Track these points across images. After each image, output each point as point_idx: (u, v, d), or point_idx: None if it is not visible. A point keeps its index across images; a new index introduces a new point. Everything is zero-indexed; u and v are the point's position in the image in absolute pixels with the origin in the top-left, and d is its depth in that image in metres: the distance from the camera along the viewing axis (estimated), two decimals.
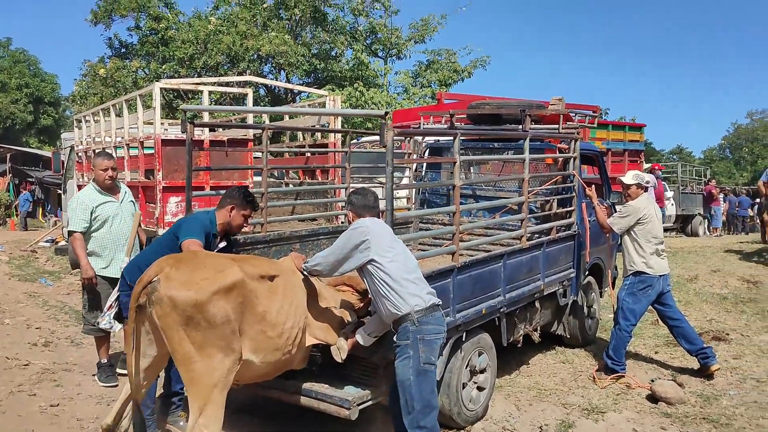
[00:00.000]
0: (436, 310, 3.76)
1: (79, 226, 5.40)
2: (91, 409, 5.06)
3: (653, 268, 5.96)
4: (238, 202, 4.39)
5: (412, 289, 3.69)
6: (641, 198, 6.08)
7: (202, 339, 3.31)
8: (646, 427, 4.97)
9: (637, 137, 15.47)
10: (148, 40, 21.60)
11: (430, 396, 3.66)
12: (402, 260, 3.76)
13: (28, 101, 36.78)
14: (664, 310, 6.17)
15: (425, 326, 3.65)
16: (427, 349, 3.63)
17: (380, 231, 3.81)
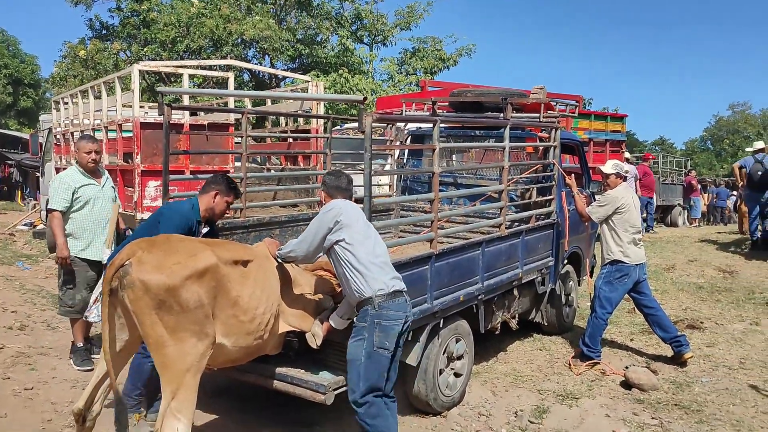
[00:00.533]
0: (399, 296, 3.76)
1: (60, 205, 5.41)
2: (66, 393, 5.03)
3: (630, 257, 6.02)
4: (222, 188, 4.43)
5: (376, 274, 3.70)
6: (620, 187, 6.13)
7: (174, 323, 3.30)
8: (618, 412, 5.04)
9: (619, 128, 15.55)
10: (129, 22, 21.27)
11: (378, 379, 3.67)
12: (371, 244, 3.78)
13: (7, 82, 36.12)
14: (640, 298, 6.24)
15: (384, 311, 3.67)
16: (383, 334, 3.65)
17: (353, 213, 3.83)
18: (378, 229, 4.36)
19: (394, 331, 3.67)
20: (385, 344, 3.65)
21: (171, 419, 3.24)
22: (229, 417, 4.67)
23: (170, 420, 3.24)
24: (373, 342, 3.64)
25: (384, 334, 3.65)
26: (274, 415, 4.71)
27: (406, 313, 3.77)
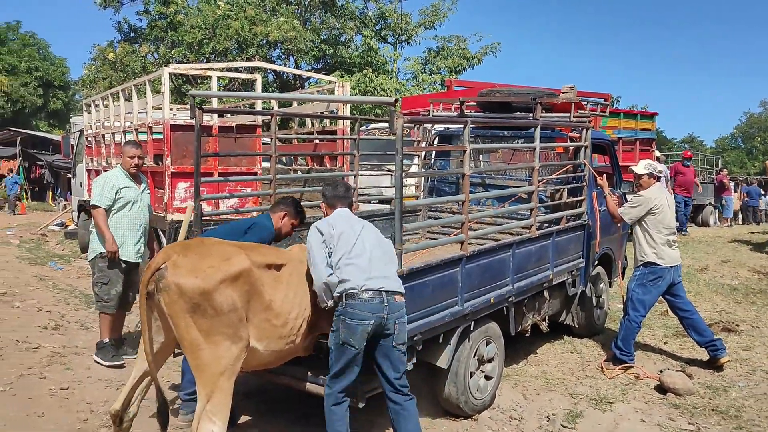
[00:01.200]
0: (372, 296, 3.72)
1: (104, 203, 5.67)
2: (101, 392, 5.09)
3: (664, 259, 5.91)
4: (291, 211, 4.64)
5: (348, 272, 3.74)
6: (653, 188, 6.02)
7: (209, 326, 3.32)
8: (654, 417, 4.96)
9: (649, 126, 15.31)
10: (157, 25, 21.55)
11: (344, 368, 3.75)
12: (346, 244, 3.82)
13: (37, 85, 36.83)
14: (675, 301, 6.13)
15: (349, 309, 3.70)
16: (347, 331, 3.70)
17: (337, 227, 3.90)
18: (406, 230, 4.35)
19: (357, 330, 3.68)
20: (350, 341, 3.69)
21: (206, 422, 3.26)
22: (260, 419, 4.68)
23: (206, 422, 3.26)
24: (340, 335, 3.72)
25: (348, 332, 3.69)
26: (305, 418, 4.71)
27: (379, 314, 3.71)
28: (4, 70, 35.26)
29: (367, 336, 3.69)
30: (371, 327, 3.69)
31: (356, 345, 3.69)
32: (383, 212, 7.07)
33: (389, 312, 3.73)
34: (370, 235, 3.96)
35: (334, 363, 3.77)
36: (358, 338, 3.68)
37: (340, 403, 3.81)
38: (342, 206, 4.13)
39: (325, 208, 4.20)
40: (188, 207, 5.76)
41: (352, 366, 3.75)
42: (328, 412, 3.80)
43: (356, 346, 3.69)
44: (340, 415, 3.80)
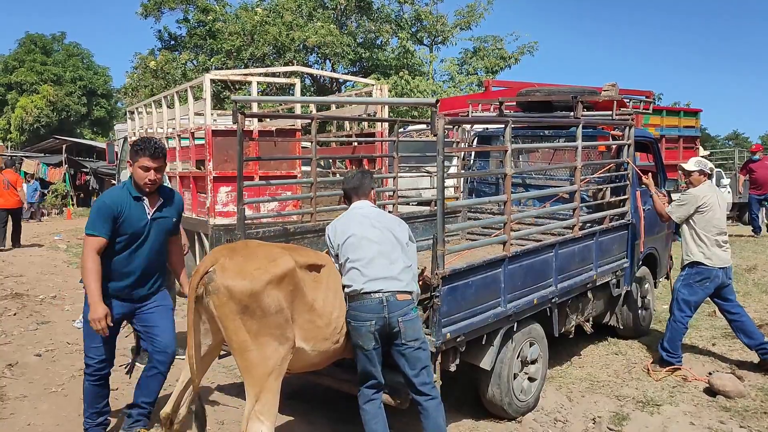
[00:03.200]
0: (371, 297, 3.74)
1: None
2: None
3: (711, 259, 5.75)
4: (132, 154, 3.98)
5: (350, 276, 3.80)
6: (703, 186, 5.87)
7: (257, 327, 3.36)
8: (703, 420, 4.85)
9: (693, 123, 14.97)
10: (196, 33, 21.95)
11: (364, 369, 3.83)
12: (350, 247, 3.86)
13: (81, 93, 37.81)
14: (724, 304, 5.96)
15: (352, 311, 3.78)
16: (354, 333, 3.77)
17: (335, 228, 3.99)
18: (448, 232, 4.34)
19: (362, 332, 3.73)
20: (358, 342, 3.76)
21: (255, 422, 3.31)
22: (303, 419, 4.72)
23: (254, 422, 3.31)
24: (352, 339, 3.80)
25: (355, 333, 3.77)
26: (347, 418, 4.73)
27: (380, 314, 3.71)
28: (50, 80, 36.33)
29: (373, 336, 3.73)
30: (374, 327, 3.72)
31: (365, 345, 3.75)
32: (423, 214, 7.07)
33: (390, 311, 3.73)
34: (377, 232, 3.91)
35: (357, 364, 3.88)
36: (364, 339, 3.74)
37: (371, 400, 3.86)
38: (358, 198, 4.13)
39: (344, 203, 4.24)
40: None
41: (369, 366, 3.81)
42: (362, 412, 3.87)
43: (365, 347, 3.75)
44: (373, 412, 3.85)
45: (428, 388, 3.82)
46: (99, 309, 3.80)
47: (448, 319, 4.10)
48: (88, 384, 4.12)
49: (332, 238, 3.97)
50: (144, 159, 3.90)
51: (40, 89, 35.41)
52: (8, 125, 36.25)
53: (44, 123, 35.04)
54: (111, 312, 3.89)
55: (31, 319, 7.56)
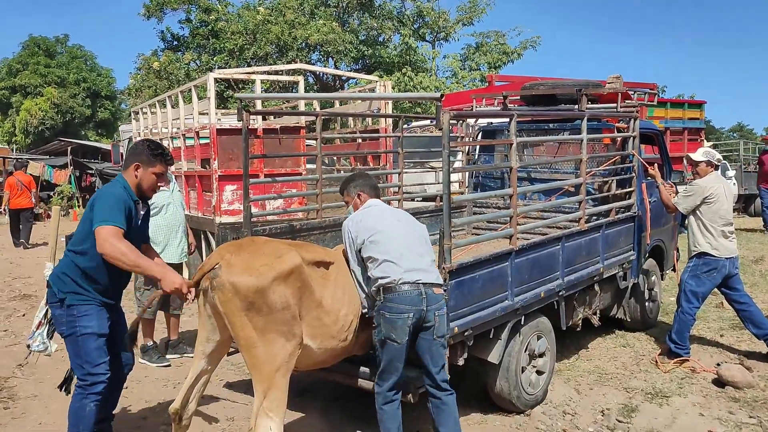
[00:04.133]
0: (410, 288, 3.67)
1: None
2: (159, 391, 5.23)
3: (718, 249, 5.74)
4: (144, 159, 3.75)
5: (384, 268, 3.71)
6: (709, 176, 5.85)
7: (263, 324, 3.37)
8: (713, 411, 4.84)
9: (697, 115, 14.91)
10: (198, 33, 21.97)
11: (389, 364, 3.72)
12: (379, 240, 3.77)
13: (85, 95, 37.92)
14: (731, 293, 5.95)
15: (388, 303, 3.67)
16: (387, 326, 3.66)
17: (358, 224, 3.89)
18: (454, 226, 4.34)
19: (398, 324, 3.64)
20: (391, 335, 3.65)
21: (263, 418, 3.32)
22: (314, 415, 4.73)
23: (263, 419, 3.32)
24: (381, 332, 3.69)
25: (389, 326, 3.66)
26: (358, 414, 4.74)
27: (419, 306, 3.66)
28: (54, 82, 36.43)
29: (408, 330, 3.65)
30: (411, 320, 3.65)
31: (398, 339, 3.66)
32: (428, 209, 7.07)
33: (428, 304, 3.68)
34: (403, 226, 3.91)
35: (380, 360, 3.77)
36: (399, 332, 3.65)
37: (391, 401, 3.79)
38: (370, 197, 4.10)
39: (353, 202, 4.14)
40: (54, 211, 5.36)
41: (396, 362, 3.72)
42: (380, 411, 3.79)
43: (398, 341, 3.66)
44: (391, 413, 3.78)
45: (447, 383, 3.81)
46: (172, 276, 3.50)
47: (455, 313, 4.09)
48: (94, 406, 3.62)
49: (354, 234, 3.86)
50: (160, 166, 3.77)
51: (44, 92, 35.53)
52: (13, 128, 36.38)
53: (49, 125, 35.16)
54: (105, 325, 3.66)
55: None
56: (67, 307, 3.61)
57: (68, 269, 3.64)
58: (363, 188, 4.12)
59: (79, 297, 3.62)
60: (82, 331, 3.59)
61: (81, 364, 3.61)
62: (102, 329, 3.64)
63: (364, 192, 4.11)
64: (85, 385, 3.61)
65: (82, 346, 3.60)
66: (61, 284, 3.63)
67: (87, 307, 3.62)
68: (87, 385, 3.60)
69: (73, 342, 3.62)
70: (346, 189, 4.19)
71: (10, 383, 5.48)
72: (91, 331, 3.59)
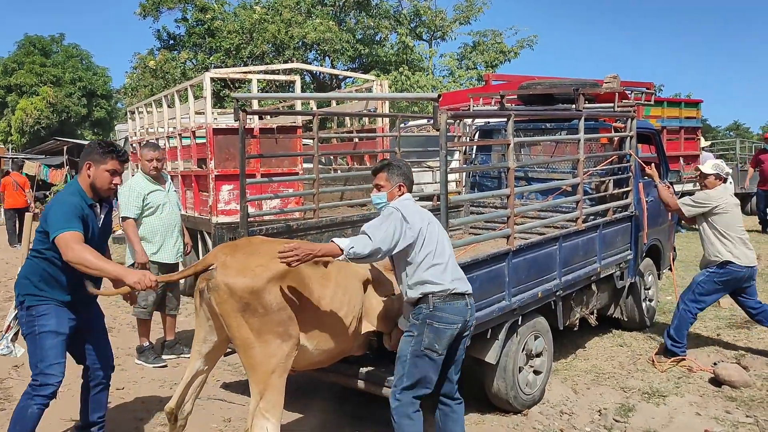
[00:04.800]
0: (459, 299, 3.56)
1: (132, 212, 5.64)
2: (155, 391, 5.23)
3: (740, 258, 5.69)
4: (96, 157, 3.67)
5: (432, 273, 3.51)
6: (718, 189, 5.82)
7: (259, 325, 3.36)
8: (709, 410, 4.84)
9: (694, 113, 14.90)
10: (195, 32, 21.93)
11: (423, 377, 3.51)
12: (430, 241, 3.56)
13: (81, 95, 37.78)
14: (746, 300, 5.92)
15: (438, 313, 3.50)
16: (433, 336, 3.49)
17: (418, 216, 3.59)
18: (452, 226, 4.33)
19: (445, 335, 3.51)
20: (434, 346, 3.49)
21: (260, 419, 3.31)
22: (312, 416, 4.73)
23: (259, 419, 3.31)
24: (422, 342, 3.49)
25: (435, 336, 3.49)
26: (357, 414, 4.74)
27: (465, 317, 3.57)
28: (50, 81, 36.31)
29: (450, 342, 3.54)
30: (457, 331, 3.54)
31: (441, 351, 3.51)
32: (425, 208, 7.06)
33: (471, 315, 3.62)
34: (442, 230, 3.72)
35: (411, 372, 3.51)
36: (444, 343, 3.51)
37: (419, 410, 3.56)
38: (409, 191, 3.78)
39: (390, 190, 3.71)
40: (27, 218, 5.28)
41: (433, 374, 3.54)
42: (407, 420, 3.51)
43: (441, 352, 3.51)
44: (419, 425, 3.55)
45: (458, 392, 3.76)
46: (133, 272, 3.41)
47: None
48: (38, 409, 3.55)
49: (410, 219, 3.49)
50: (112, 162, 3.66)
51: (39, 91, 35.41)
52: (8, 127, 36.27)
53: (45, 125, 35.04)
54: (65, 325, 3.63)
55: None
56: (26, 308, 3.63)
57: (29, 272, 3.66)
58: (405, 180, 3.75)
59: (37, 298, 3.62)
60: (39, 329, 3.58)
61: (36, 363, 3.59)
62: (60, 328, 3.62)
63: (405, 185, 3.75)
64: (34, 386, 3.57)
65: (39, 345, 3.58)
66: (22, 287, 3.67)
67: (45, 306, 3.62)
68: (36, 386, 3.56)
69: (32, 341, 3.62)
70: (388, 173, 3.72)
71: (5, 384, 5.46)
72: (48, 329, 3.58)
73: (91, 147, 3.76)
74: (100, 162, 3.67)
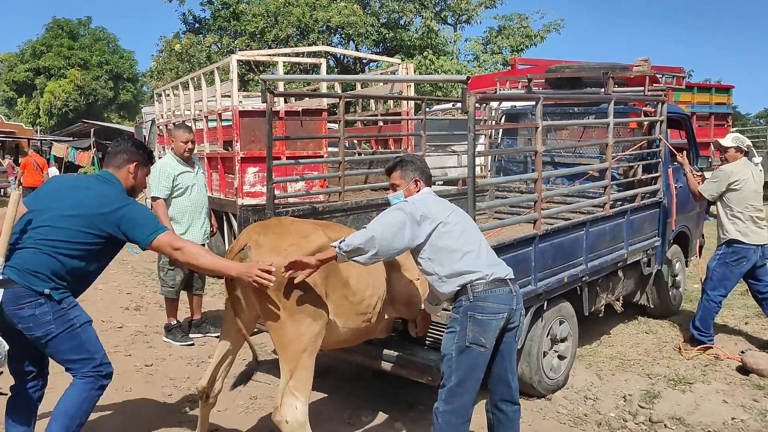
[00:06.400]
0: (502, 285, 3.26)
1: (162, 193, 5.68)
2: (183, 369, 5.31)
3: (749, 236, 5.62)
4: (142, 161, 3.60)
5: (467, 262, 3.26)
6: (738, 162, 5.73)
7: (291, 304, 3.39)
8: (737, 398, 4.80)
9: (724, 100, 14.64)
10: (220, 15, 21.98)
11: (468, 376, 3.23)
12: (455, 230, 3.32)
13: (108, 78, 38.27)
14: (756, 284, 5.83)
15: (480, 303, 3.20)
16: (477, 329, 3.19)
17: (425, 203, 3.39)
18: (478, 210, 4.31)
19: (491, 327, 3.20)
20: (480, 340, 3.19)
21: (289, 397, 3.35)
22: (336, 395, 4.78)
23: (288, 398, 3.35)
24: (466, 336, 3.21)
25: (479, 329, 3.19)
26: (379, 394, 4.78)
27: (511, 305, 3.27)
28: (77, 64, 36.77)
29: (498, 334, 3.24)
30: (504, 321, 3.24)
31: (488, 344, 3.21)
32: (450, 193, 7.06)
33: (517, 302, 3.32)
34: (467, 218, 3.54)
35: (455, 372, 3.24)
36: (490, 336, 3.21)
37: (467, 421, 3.28)
38: (426, 186, 3.58)
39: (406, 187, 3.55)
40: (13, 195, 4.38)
41: (479, 371, 3.25)
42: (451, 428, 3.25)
43: (488, 346, 3.21)
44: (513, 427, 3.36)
45: (517, 395, 3.47)
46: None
47: None
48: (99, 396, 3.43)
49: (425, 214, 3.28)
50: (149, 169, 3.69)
51: (67, 74, 35.88)
52: (37, 110, 36.84)
53: (72, 107, 35.55)
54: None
55: None
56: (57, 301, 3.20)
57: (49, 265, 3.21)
58: (421, 175, 3.54)
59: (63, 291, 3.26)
60: (79, 321, 3.29)
61: (92, 355, 3.34)
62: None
63: (421, 180, 3.53)
64: (99, 375, 3.37)
65: (87, 336, 3.32)
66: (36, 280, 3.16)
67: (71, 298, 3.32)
68: (101, 376, 3.38)
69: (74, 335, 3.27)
70: (402, 171, 3.55)
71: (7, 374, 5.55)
72: (85, 319, 3.34)
73: (137, 147, 3.59)
74: (145, 166, 3.63)
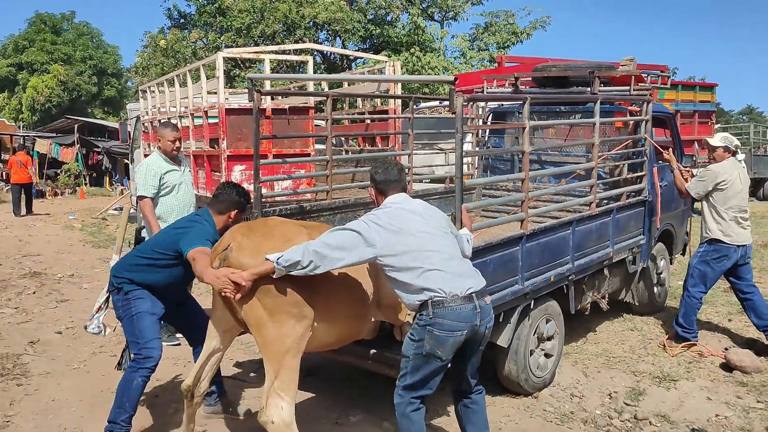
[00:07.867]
0: (464, 302, 3.25)
1: (149, 192, 5.63)
2: (170, 369, 5.27)
3: (731, 236, 5.68)
4: (241, 207, 4.04)
5: (430, 278, 3.26)
6: (725, 162, 5.77)
7: (273, 305, 3.37)
8: (720, 395, 4.85)
9: (708, 98, 14.76)
10: (205, 10, 21.84)
11: (424, 379, 3.36)
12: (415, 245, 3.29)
13: (92, 73, 37.87)
14: (738, 282, 5.89)
15: (439, 320, 3.22)
16: (434, 343, 3.24)
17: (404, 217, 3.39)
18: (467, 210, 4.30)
19: (448, 342, 3.25)
20: (437, 353, 3.25)
21: (275, 398, 3.34)
22: (325, 395, 4.78)
23: (274, 398, 3.34)
24: (423, 347, 3.28)
25: (435, 343, 3.25)
26: (367, 394, 4.78)
27: (473, 322, 3.26)
28: (61, 59, 36.35)
29: (457, 347, 3.30)
30: (463, 337, 3.28)
31: (444, 357, 3.28)
32: (437, 191, 7.06)
33: (481, 318, 3.31)
34: (435, 223, 3.47)
35: (411, 373, 3.37)
36: (446, 350, 3.27)
37: (417, 409, 3.43)
38: (395, 192, 3.54)
39: (375, 195, 3.62)
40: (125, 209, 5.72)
41: (434, 378, 3.38)
42: (404, 421, 3.42)
43: (443, 358, 3.29)
44: (419, 425, 3.44)
45: (477, 380, 3.60)
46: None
47: None
48: (142, 381, 3.84)
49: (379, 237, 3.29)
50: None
51: (50, 69, 35.46)
52: (20, 105, 36.41)
53: (55, 103, 35.15)
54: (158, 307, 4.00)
55: (51, 297, 7.66)
56: (124, 293, 3.93)
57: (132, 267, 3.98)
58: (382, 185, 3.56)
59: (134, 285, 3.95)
60: (135, 311, 3.89)
61: (136, 341, 3.88)
62: (154, 309, 3.95)
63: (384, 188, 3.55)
64: (138, 359, 3.86)
65: (137, 325, 3.88)
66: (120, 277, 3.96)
67: (141, 291, 3.94)
68: (140, 359, 3.84)
69: (129, 322, 3.90)
70: (371, 184, 3.65)
71: (22, 360, 5.54)
72: (143, 310, 3.89)
73: (244, 198, 4.05)
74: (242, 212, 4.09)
